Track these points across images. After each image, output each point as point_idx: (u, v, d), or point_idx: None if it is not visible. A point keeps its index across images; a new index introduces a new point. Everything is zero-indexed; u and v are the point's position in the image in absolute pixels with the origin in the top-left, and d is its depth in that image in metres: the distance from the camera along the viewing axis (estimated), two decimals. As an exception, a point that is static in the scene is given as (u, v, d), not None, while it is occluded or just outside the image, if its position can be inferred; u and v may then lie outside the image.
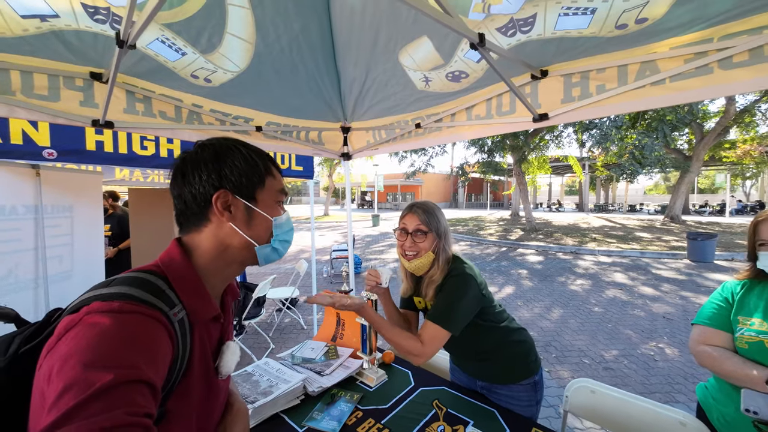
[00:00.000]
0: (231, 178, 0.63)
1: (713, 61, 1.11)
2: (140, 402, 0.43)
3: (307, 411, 1.17)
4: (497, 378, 1.26)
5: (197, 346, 0.60)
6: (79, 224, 2.14)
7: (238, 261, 0.67)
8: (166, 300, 0.55)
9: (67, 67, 1.32)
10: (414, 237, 1.17)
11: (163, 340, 0.51)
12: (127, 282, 0.53)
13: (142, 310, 0.49)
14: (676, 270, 7.00)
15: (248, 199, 0.65)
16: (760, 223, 1.01)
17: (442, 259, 1.18)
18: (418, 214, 1.19)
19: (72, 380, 0.40)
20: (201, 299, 0.61)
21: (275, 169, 0.71)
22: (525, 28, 1.21)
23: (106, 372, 0.41)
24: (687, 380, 2.84)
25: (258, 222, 0.66)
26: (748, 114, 13.89)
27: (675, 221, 14.99)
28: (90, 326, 0.45)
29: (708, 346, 1.06)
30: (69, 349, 0.43)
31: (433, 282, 1.18)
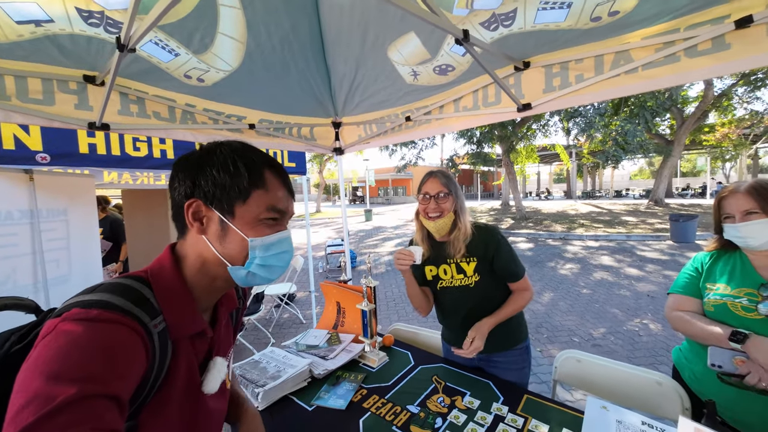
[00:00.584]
0: (204, 187, 0.57)
1: (680, 50, 1.20)
2: (106, 417, 0.41)
3: (315, 392, 1.24)
4: (497, 346, 1.34)
5: (182, 359, 0.57)
6: (74, 227, 2.15)
7: (222, 277, 0.61)
8: (148, 309, 0.52)
9: (60, 71, 1.33)
10: (437, 200, 1.28)
11: (136, 351, 0.48)
12: (111, 289, 0.51)
13: (118, 320, 0.47)
14: (660, 251, 7.27)
15: (224, 213, 0.58)
16: (723, 199, 1.11)
17: (463, 217, 1.32)
18: (439, 178, 1.31)
19: (33, 393, 0.38)
20: (184, 314, 0.57)
21: (275, 180, 0.61)
22: (506, 22, 1.28)
23: (70, 385, 0.39)
24: (668, 352, 3.02)
25: (231, 240, 0.58)
26: (726, 98, 14.32)
27: (659, 204, 15.46)
28: (61, 335, 0.43)
29: (680, 311, 1.16)
30: (36, 358, 0.42)
31: (459, 239, 1.29)
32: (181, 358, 0.57)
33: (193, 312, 0.59)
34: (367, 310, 1.46)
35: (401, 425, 1.03)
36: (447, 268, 1.36)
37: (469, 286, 1.32)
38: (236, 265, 0.60)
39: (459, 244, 1.29)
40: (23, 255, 1.88)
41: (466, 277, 1.32)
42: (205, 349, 0.64)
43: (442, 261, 1.36)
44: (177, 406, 0.57)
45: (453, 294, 1.36)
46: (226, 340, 0.72)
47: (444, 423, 1.03)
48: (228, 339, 0.74)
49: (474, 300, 1.33)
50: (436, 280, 1.39)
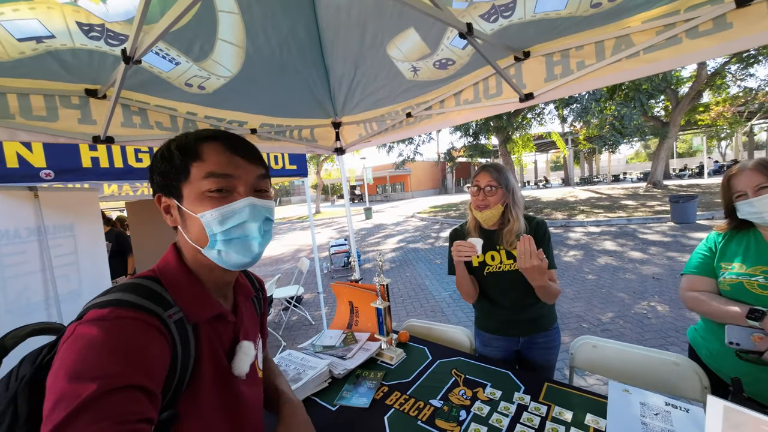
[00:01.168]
0: (156, 181, 0.61)
1: (681, 32, 1.20)
2: (133, 409, 0.43)
3: (337, 391, 1.25)
4: (540, 326, 1.43)
5: (205, 347, 0.59)
6: (81, 242, 2.15)
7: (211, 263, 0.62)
8: (160, 302, 0.55)
9: (61, 86, 1.33)
10: (485, 192, 1.33)
11: (155, 342, 0.51)
12: (122, 288, 0.54)
13: (131, 315, 0.50)
14: (662, 233, 7.30)
15: (176, 197, 0.60)
16: (732, 177, 1.11)
17: (514, 210, 1.36)
18: (490, 172, 1.35)
19: (60, 393, 0.42)
20: (195, 299, 0.60)
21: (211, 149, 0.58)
22: (506, 13, 1.28)
23: (91, 382, 0.42)
24: (678, 332, 3.04)
25: (189, 222, 0.59)
26: (719, 76, 14.32)
27: (657, 187, 15.49)
28: (79, 338, 0.46)
29: (695, 291, 1.17)
30: (59, 362, 0.45)
31: (512, 231, 1.34)
32: (205, 344, 0.59)
33: (206, 296, 0.61)
34: (381, 307, 1.47)
35: (426, 420, 1.05)
36: (495, 254, 1.40)
37: (518, 271, 1.33)
38: (205, 248, 0.59)
39: (511, 237, 1.34)
40: (33, 272, 1.88)
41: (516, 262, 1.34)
42: (231, 335, 0.66)
43: (490, 248, 1.41)
44: (211, 391, 0.59)
45: (502, 278, 1.40)
46: (251, 327, 0.74)
47: (468, 415, 1.04)
48: (254, 326, 0.76)
49: (521, 283, 1.34)
50: (483, 266, 1.43)
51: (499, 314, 1.45)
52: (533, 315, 1.41)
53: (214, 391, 0.60)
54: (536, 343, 1.43)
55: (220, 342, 0.63)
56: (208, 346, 0.60)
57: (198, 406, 0.57)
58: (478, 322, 1.56)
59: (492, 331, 1.48)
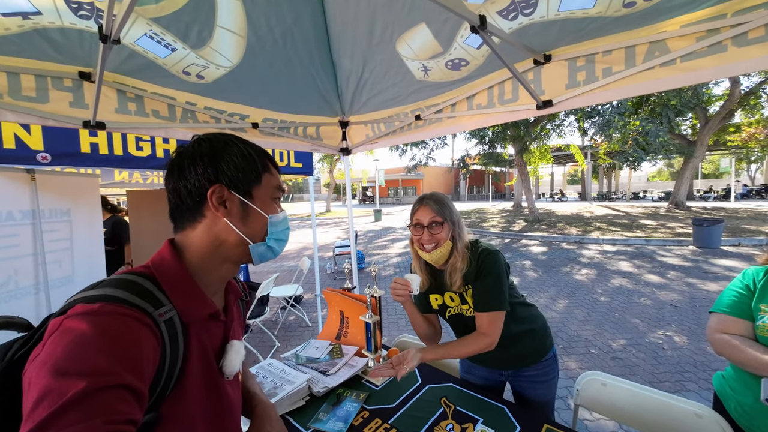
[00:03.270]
0: (227, 172, 0.62)
1: (727, 38, 1.05)
2: (120, 408, 0.41)
3: (313, 412, 1.14)
4: (527, 359, 1.26)
5: (194, 347, 0.58)
6: (78, 228, 2.12)
7: (233, 259, 0.66)
8: (151, 300, 0.53)
9: (54, 67, 1.28)
10: (430, 229, 1.16)
11: (145, 341, 0.49)
12: (113, 284, 0.52)
13: (122, 311, 0.48)
14: (682, 257, 6.94)
15: (244, 195, 0.63)
16: None
17: (460, 245, 1.18)
18: (431, 205, 1.18)
19: (45, 389, 0.39)
20: (192, 298, 0.59)
21: (273, 165, 0.70)
22: (527, 10, 1.16)
23: (79, 379, 0.40)
24: (697, 368, 2.81)
25: (253, 219, 0.65)
26: (754, 96, 13.64)
27: (679, 207, 14.86)
28: (67, 331, 0.44)
29: (726, 334, 1.02)
30: (45, 356, 0.42)
31: (456, 269, 1.17)
32: (194, 344, 0.58)
33: (202, 295, 0.61)
34: (371, 322, 1.36)
35: (405, 457, 0.93)
36: (453, 296, 1.25)
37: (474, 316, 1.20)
38: (257, 242, 0.65)
39: (456, 275, 1.17)
40: (25, 256, 1.85)
41: (471, 307, 1.20)
42: (221, 335, 0.66)
43: (447, 288, 1.24)
44: (197, 393, 0.58)
45: (465, 322, 1.25)
46: (238, 327, 0.75)
47: (453, 456, 0.92)
48: (240, 327, 0.77)
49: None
50: (444, 308, 1.28)
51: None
52: (514, 353, 1.25)
53: (200, 393, 0.59)
54: (524, 377, 1.27)
55: (211, 342, 0.63)
56: (198, 346, 0.59)
57: (182, 408, 0.55)
58: None
59: (474, 360, 1.34)
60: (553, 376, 1.29)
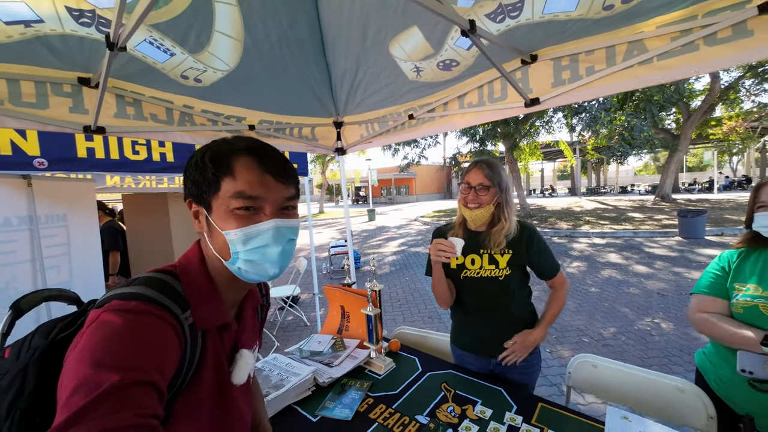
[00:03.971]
0: (188, 187, 0.60)
1: (699, 38, 1.13)
2: (147, 403, 0.44)
3: (319, 401, 1.19)
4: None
5: (210, 353, 0.59)
6: (74, 233, 2.12)
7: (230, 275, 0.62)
8: (180, 303, 0.56)
9: (53, 73, 1.29)
10: (477, 191, 1.24)
11: (171, 343, 0.51)
12: (147, 282, 0.54)
13: (155, 312, 0.50)
14: (668, 247, 7.15)
15: (206, 208, 0.59)
16: (762, 186, 1.04)
17: (507, 210, 1.27)
18: (483, 169, 1.26)
19: (82, 379, 0.41)
20: (210, 306, 0.60)
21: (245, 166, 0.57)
22: (513, 13, 1.22)
23: (114, 372, 0.42)
24: (683, 352, 2.94)
25: (215, 234, 0.59)
26: (733, 90, 14.08)
27: (665, 200, 15.24)
28: (104, 325, 0.46)
29: (705, 313, 1.10)
30: (83, 347, 0.45)
31: (501, 232, 1.26)
32: (210, 350, 0.59)
33: (218, 306, 0.61)
34: (372, 314, 1.41)
35: (410, 437, 0.98)
36: (476, 258, 1.31)
37: (498, 278, 1.28)
38: (227, 260, 0.60)
39: (500, 237, 1.26)
40: (22, 262, 1.85)
41: (498, 268, 1.28)
42: (231, 342, 0.66)
43: (472, 251, 1.31)
44: (208, 397, 0.59)
45: (479, 284, 1.31)
46: (251, 334, 0.74)
47: (455, 435, 0.98)
48: (254, 334, 0.76)
49: (501, 292, 1.29)
50: (460, 269, 1.34)
51: (474, 329, 1.37)
52: (506, 336, 1.31)
53: (211, 397, 0.60)
54: (511, 367, 1.32)
55: (224, 349, 0.63)
56: (214, 353, 0.60)
57: (192, 410, 0.56)
58: (452, 336, 1.48)
59: (465, 348, 1.40)
60: (537, 369, 1.35)
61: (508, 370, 1.33)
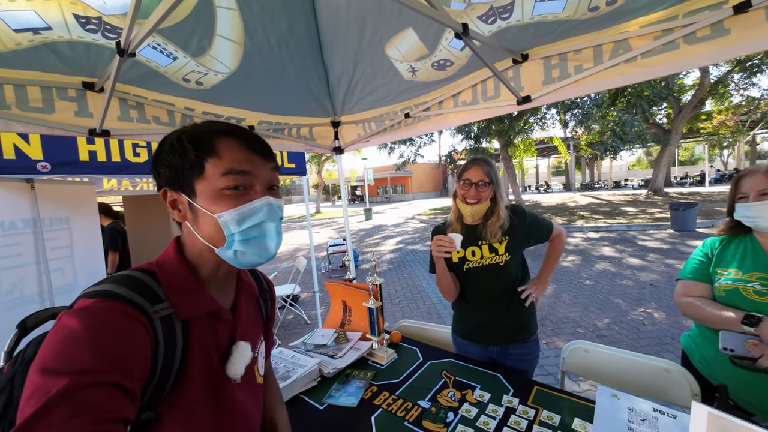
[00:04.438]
0: (163, 174, 0.57)
1: (679, 37, 1.19)
2: (107, 406, 0.41)
3: (325, 390, 1.24)
4: (515, 337, 1.38)
5: (195, 348, 0.56)
6: (77, 236, 2.15)
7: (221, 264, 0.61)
8: (150, 296, 0.53)
9: (58, 78, 1.33)
10: (477, 187, 1.31)
11: (136, 337, 0.48)
12: (114, 279, 0.52)
13: (115, 308, 0.48)
14: (661, 240, 7.28)
15: (188, 194, 0.56)
16: (742, 177, 1.10)
17: (501, 205, 1.36)
18: (482, 166, 1.33)
19: (33, 386, 0.40)
20: (190, 294, 0.57)
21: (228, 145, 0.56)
22: (504, 15, 1.28)
23: (62, 377, 0.40)
24: (674, 340, 3.03)
25: (203, 221, 0.57)
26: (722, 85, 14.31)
27: (658, 194, 15.47)
28: (60, 329, 0.45)
29: (690, 296, 1.17)
30: (39, 353, 0.43)
31: (496, 224, 1.34)
32: (195, 344, 0.56)
33: (202, 292, 0.59)
34: (374, 307, 1.46)
35: (413, 421, 1.04)
36: (476, 250, 1.38)
37: (500, 264, 1.35)
38: (220, 247, 0.57)
39: (495, 229, 1.33)
40: (28, 264, 1.88)
41: (498, 255, 1.35)
42: (228, 335, 0.63)
43: (471, 243, 1.38)
44: (199, 394, 0.56)
45: (482, 273, 1.37)
46: (252, 328, 0.71)
47: (456, 417, 1.04)
48: (256, 328, 0.73)
49: (502, 278, 1.36)
50: (462, 262, 1.40)
51: (474, 317, 1.43)
52: (508, 323, 1.37)
53: (203, 395, 0.56)
54: (511, 354, 1.38)
55: (215, 342, 0.60)
56: (200, 346, 0.57)
57: (182, 409, 0.54)
58: (454, 325, 1.54)
59: (466, 337, 1.46)
60: (536, 356, 1.43)
61: (508, 357, 1.39)
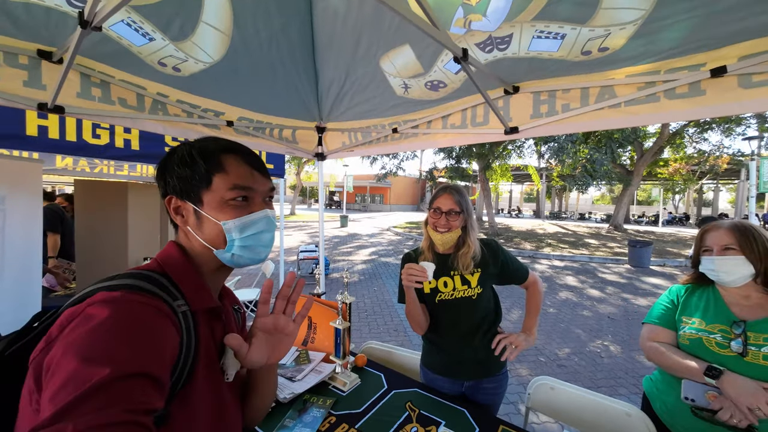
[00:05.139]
0: (171, 182, 0.62)
1: (660, 91, 1.25)
2: (140, 398, 0.41)
3: (279, 419, 1.13)
4: (490, 370, 1.34)
5: (202, 344, 0.58)
6: (12, 218, 1.89)
7: (216, 264, 0.65)
8: (169, 293, 0.55)
9: (8, 42, 1.17)
10: (448, 216, 1.27)
11: (167, 330, 0.50)
12: (131, 276, 0.54)
13: (145, 300, 0.49)
14: (619, 274, 7.71)
15: (195, 202, 0.62)
16: (707, 232, 1.15)
17: (472, 234, 1.32)
18: (453, 195, 1.29)
19: (69, 374, 0.39)
20: (201, 290, 0.61)
21: (232, 162, 0.63)
22: (501, 45, 1.29)
23: (103, 366, 0.40)
24: (628, 374, 3.14)
25: (207, 226, 0.62)
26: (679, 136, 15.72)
27: (618, 229, 16.53)
28: (90, 317, 0.44)
29: (656, 342, 1.19)
30: (68, 341, 0.43)
31: (468, 254, 1.30)
32: (202, 342, 0.58)
33: (207, 289, 0.62)
34: (341, 328, 1.38)
35: (372, 460, 0.96)
36: (448, 281, 1.33)
37: (472, 298, 1.31)
38: (219, 249, 0.62)
39: (467, 260, 1.29)
40: (-56, 247, 1.62)
41: (470, 288, 1.31)
42: (221, 335, 0.65)
43: (443, 273, 1.33)
44: (203, 393, 0.57)
45: (454, 306, 1.32)
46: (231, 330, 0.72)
47: (418, 458, 0.97)
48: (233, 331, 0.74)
49: (476, 311, 1.32)
50: (435, 293, 1.34)
51: (446, 352, 1.36)
52: (481, 356, 1.32)
53: (206, 393, 0.58)
54: (482, 389, 1.34)
55: (214, 340, 0.62)
56: (204, 343, 0.59)
57: (189, 408, 0.54)
58: (424, 358, 1.46)
59: (437, 371, 1.38)
60: (504, 389, 1.39)
61: (478, 392, 1.34)
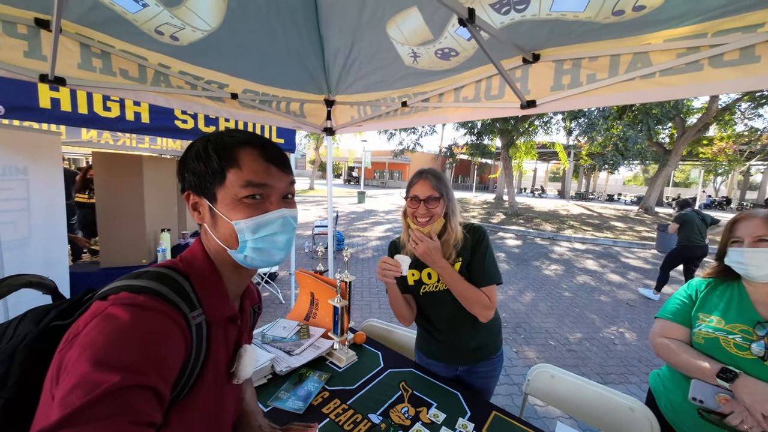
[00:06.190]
0: (188, 179, 0.60)
1: (704, 58, 1.08)
2: (145, 409, 0.42)
3: (274, 390, 1.16)
4: (483, 355, 1.30)
5: (213, 351, 0.58)
6: (36, 188, 1.98)
7: (234, 264, 0.62)
8: (188, 302, 0.54)
9: (6, 10, 1.15)
10: (427, 203, 1.18)
11: (178, 344, 0.50)
12: (156, 277, 0.53)
13: (163, 309, 0.49)
14: (644, 259, 7.37)
15: (209, 199, 0.59)
16: (738, 221, 1.03)
17: (454, 221, 1.22)
18: (430, 180, 1.19)
19: (81, 377, 0.40)
20: (219, 298, 0.60)
21: (248, 156, 0.58)
22: (520, 6, 1.14)
23: (115, 373, 0.40)
24: (641, 363, 3.06)
25: (220, 224, 0.59)
26: (729, 112, 14.27)
27: (648, 212, 15.64)
28: (110, 319, 0.45)
29: (667, 338, 1.11)
30: (86, 341, 0.43)
31: (449, 243, 1.20)
32: (213, 349, 0.58)
33: (226, 297, 0.62)
34: (339, 306, 1.38)
35: (359, 437, 0.97)
36: (432, 272, 1.26)
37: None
38: (233, 249, 0.60)
39: (449, 249, 1.20)
40: (-27, 214, 1.72)
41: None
42: (234, 339, 0.65)
43: (426, 265, 1.25)
44: (206, 399, 0.57)
45: (439, 298, 1.27)
46: (249, 333, 0.75)
47: (405, 438, 0.97)
48: (250, 334, 0.76)
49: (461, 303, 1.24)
50: (419, 285, 1.30)
51: (438, 339, 1.33)
52: (474, 344, 1.28)
53: (208, 400, 0.58)
54: (476, 372, 1.32)
55: (225, 346, 0.62)
56: (215, 352, 0.59)
57: (189, 416, 0.54)
58: (418, 342, 1.44)
59: (430, 356, 1.36)
60: (499, 372, 1.36)
61: (471, 375, 1.32)
